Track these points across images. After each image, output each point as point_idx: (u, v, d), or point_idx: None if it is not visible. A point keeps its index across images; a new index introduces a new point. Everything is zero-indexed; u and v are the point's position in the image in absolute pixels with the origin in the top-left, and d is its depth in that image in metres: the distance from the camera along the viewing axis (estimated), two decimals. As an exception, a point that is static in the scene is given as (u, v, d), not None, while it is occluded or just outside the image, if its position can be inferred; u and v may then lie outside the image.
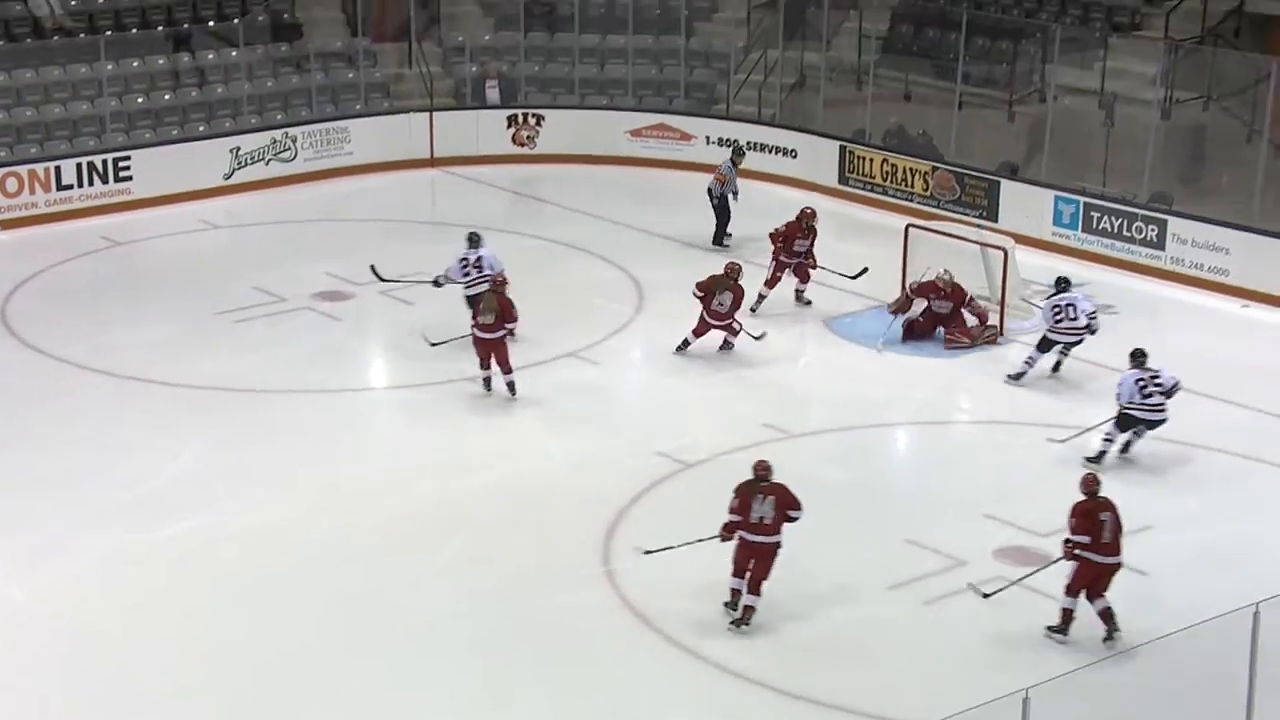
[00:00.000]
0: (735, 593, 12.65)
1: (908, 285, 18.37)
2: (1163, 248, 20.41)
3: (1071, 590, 12.18)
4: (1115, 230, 20.89)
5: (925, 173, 22.88)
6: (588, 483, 14.95)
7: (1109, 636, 12.02)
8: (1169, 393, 15.13)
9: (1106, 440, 15.29)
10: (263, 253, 21.71)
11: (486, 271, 17.60)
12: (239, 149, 23.95)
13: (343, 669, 12.03)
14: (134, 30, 24.98)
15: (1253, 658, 9.62)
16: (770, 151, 24.59)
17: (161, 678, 11.92)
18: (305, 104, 25.25)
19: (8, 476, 14.99)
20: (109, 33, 24.58)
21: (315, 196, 23.98)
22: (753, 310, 18.52)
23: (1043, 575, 12.63)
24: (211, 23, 25.51)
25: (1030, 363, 17.09)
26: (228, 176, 23.85)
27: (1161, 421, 15.13)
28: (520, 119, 25.71)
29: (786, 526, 12.54)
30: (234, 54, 24.98)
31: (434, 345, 17.40)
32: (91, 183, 22.80)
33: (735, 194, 21.64)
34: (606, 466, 15.25)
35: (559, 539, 13.95)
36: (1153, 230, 20.54)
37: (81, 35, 24.48)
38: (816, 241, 19.12)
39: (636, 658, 12.28)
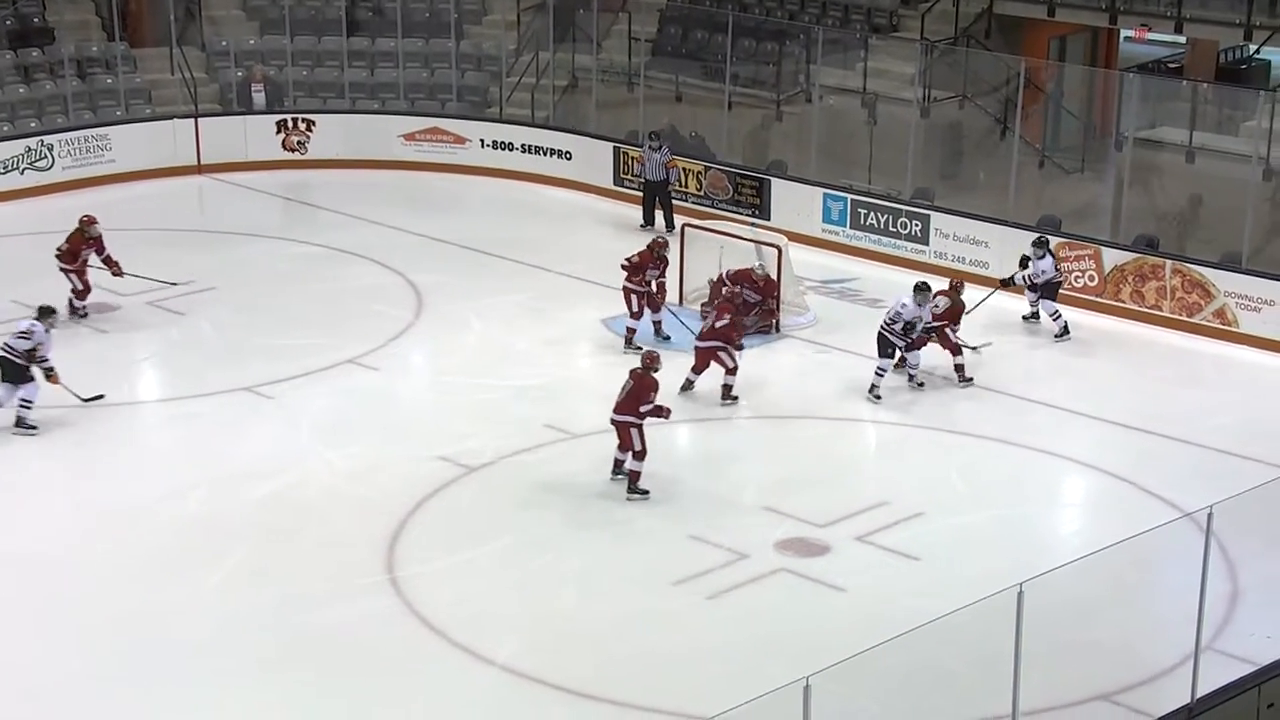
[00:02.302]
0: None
1: (723, 272, 18.54)
2: (927, 242, 21.11)
3: None
4: (882, 226, 21.53)
5: (699, 173, 23.24)
6: (369, 490, 14.81)
7: None
8: (908, 327, 16.74)
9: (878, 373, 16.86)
10: (21, 264, 20.90)
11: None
12: (-9, 157, 23.07)
13: (126, 694, 11.71)
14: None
15: (1018, 636, 10.02)
16: (545, 154, 24.70)
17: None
18: (61, 111, 24.42)
19: None
20: None
21: (77, 206, 23.06)
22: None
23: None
24: (-43, 27, 24.54)
25: (1056, 316, 18.67)
26: (-20, 186, 22.94)
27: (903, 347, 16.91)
28: (290, 124, 25.30)
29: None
30: (-18, 59, 24.05)
31: (86, 400, 16.38)
32: None
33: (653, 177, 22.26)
34: (388, 472, 15.13)
35: (342, 548, 13.78)
36: (917, 225, 21.23)
37: None
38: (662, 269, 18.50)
39: (426, 664, 12.20)
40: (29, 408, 15.81)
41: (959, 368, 17.39)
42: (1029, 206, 21.11)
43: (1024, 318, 19.16)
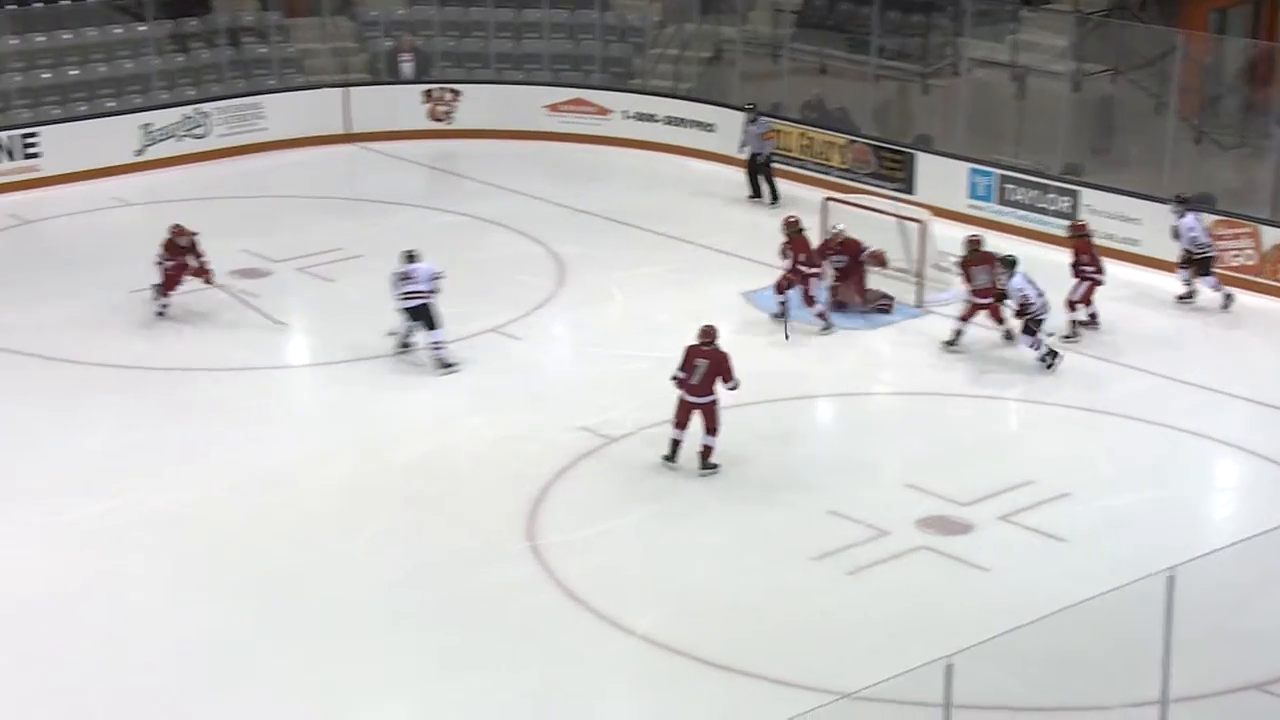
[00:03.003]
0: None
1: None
2: (1076, 218, 20.68)
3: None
4: (1029, 202, 21.16)
5: (842, 146, 23.02)
6: (512, 458, 14.95)
7: None
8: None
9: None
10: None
11: (420, 285, 16.95)
12: (150, 125, 23.63)
13: (265, 650, 11.95)
14: (39, 4, 24.53)
15: (1168, 621, 9.82)
16: (687, 125, 24.65)
17: (80, 660, 11.79)
18: (217, 79, 24.94)
19: (-82, 460, 14.75)
20: (12, 7, 24.11)
21: (230, 173, 23.72)
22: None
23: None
24: (119, -3, 25.15)
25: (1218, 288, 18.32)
26: (139, 153, 23.53)
27: None
28: (436, 94, 25.56)
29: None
30: (142, 29, 24.59)
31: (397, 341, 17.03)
32: (-2, 160, 22.43)
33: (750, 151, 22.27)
34: (530, 442, 15.25)
35: (484, 515, 13.94)
36: (1065, 201, 20.83)
37: (-16, 11, 24.05)
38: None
39: (565, 633, 12.30)
40: (441, 348, 16.62)
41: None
42: (1183, 183, 20.59)
43: (1178, 298, 18.72)
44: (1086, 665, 11.29)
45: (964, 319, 17.35)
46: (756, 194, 22.43)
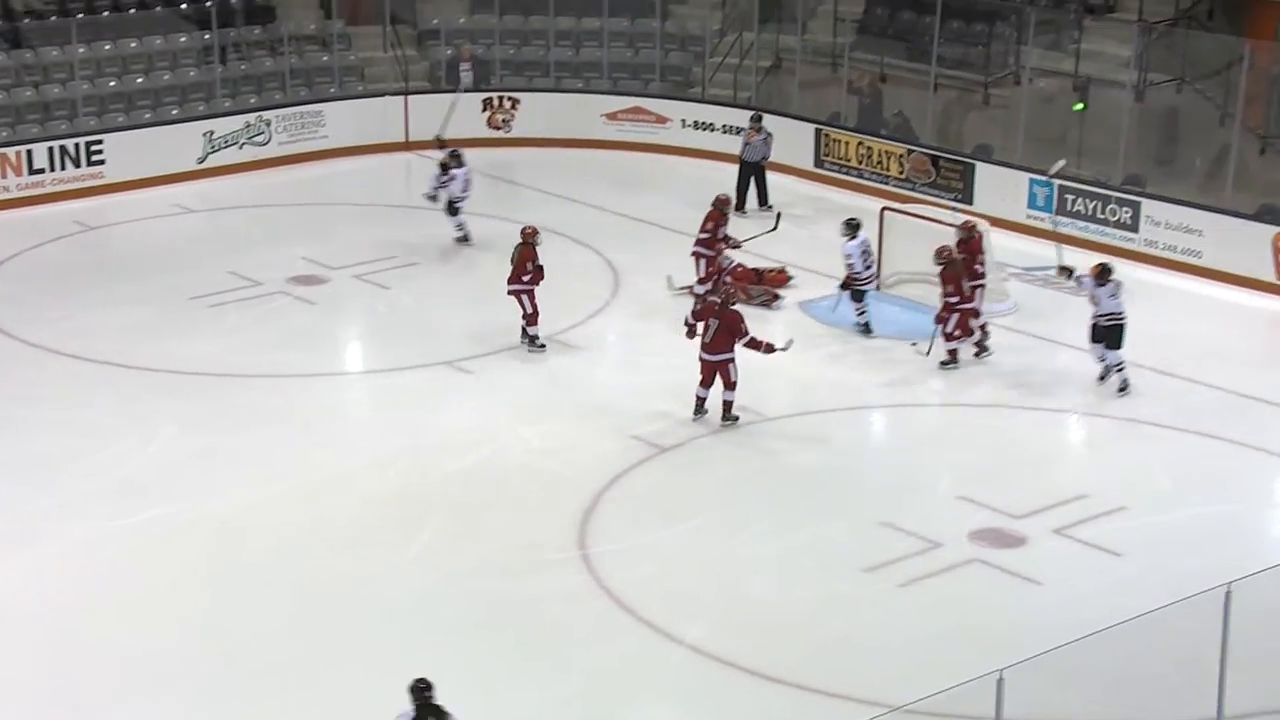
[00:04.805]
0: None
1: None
2: (1136, 230, 20.49)
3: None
4: (1089, 213, 20.96)
5: (900, 155, 22.91)
6: (563, 466, 14.96)
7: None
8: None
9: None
10: (237, 237, 21.64)
11: (456, 188, 18.84)
12: (212, 132, 23.86)
13: (319, 654, 12.02)
14: (106, 13, 24.84)
15: (1224, 638, 9.68)
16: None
17: (142, 663, 11.90)
18: (279, 87, 25.16)
19: (-18, 462, 14.95)
20: (80, 15, 24.43)
21: (289, 180, 23.90)
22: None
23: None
24: (184, 5, 25.38)
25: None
26: (201, 160, 23.75)
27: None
28: (495, 102, 25.66)
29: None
30: (207, 37, 24.85)
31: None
32: (64, 167, 22.69)
33: (750, 158, 22.47)
34: (582, 450, 15.26)
35: (535, 523, 13.95)
36: (1126, 212, 20.61)
37: (53, 18, 24.33)
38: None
39: (615, 641, 12.29)
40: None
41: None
42: (1249, 195, 20.34)
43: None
44: (1141, 682, 11.16)
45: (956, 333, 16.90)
46: (743, 203, 22.22)
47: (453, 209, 20.69)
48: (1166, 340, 17.81)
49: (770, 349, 15.69)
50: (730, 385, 15.49)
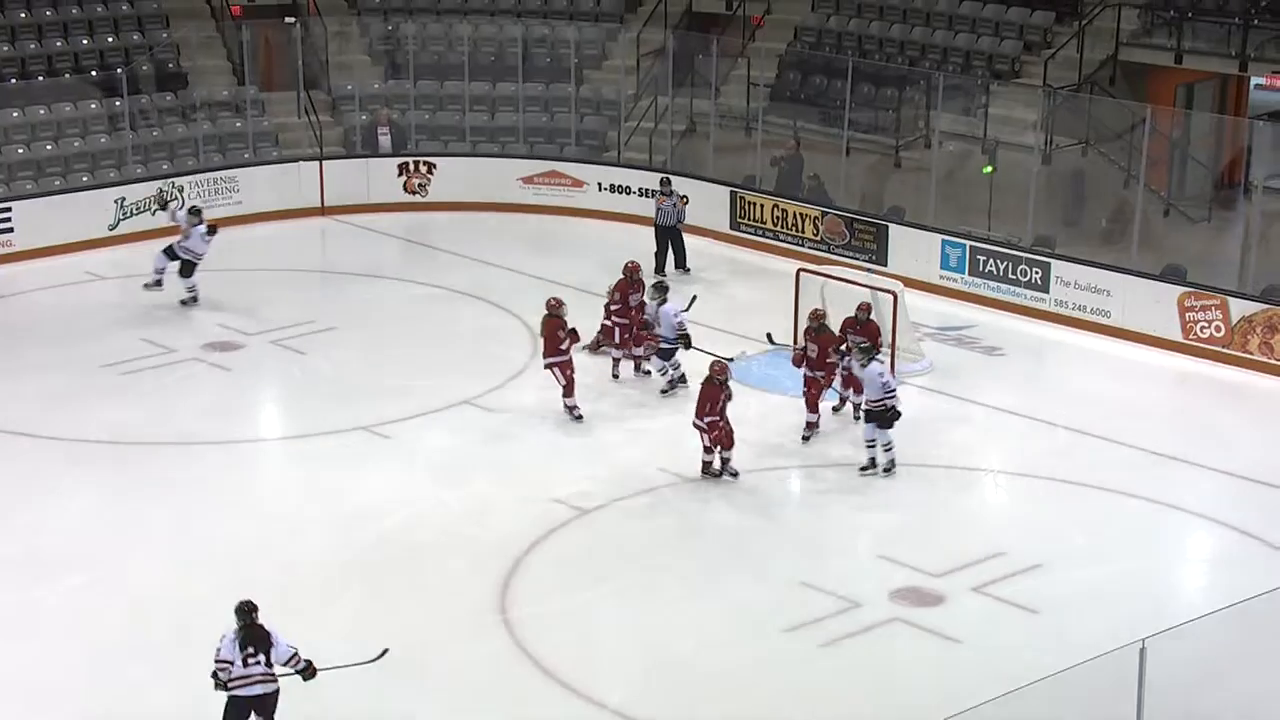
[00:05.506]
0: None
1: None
2: (1047, 290, 20.82)
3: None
4: (1001, 273, 21.29)
5: (815, 218, 23.17)
6: (483, 531, 14.89)
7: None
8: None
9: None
10: (150, 304, 21.37)
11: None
12: (124, 199, 23.64)
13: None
14: (14, 80, 24.62)
15: (1140, 694, 9.80)
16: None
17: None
18: (192, 153, 25.01)
19: (-115, 536, 14.62)
20: (-13, 83, 24.23)
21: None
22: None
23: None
24: (94, 72, 25.20)
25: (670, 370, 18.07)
26: (113, 227, 23.51)
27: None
28: (411, 166, 25.67)
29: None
30: (118, 104, 24.68)
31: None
32: (-30, 234, 22.39)
33: (663, 222, 22.64)
34: (503, 513, 15.20)
35: (456, 588, 13.86)
36: (1037, 273, 20.96)
37: (-43, 87, 24.10)
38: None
39: (537, 707, 12.22)
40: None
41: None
42: (1153, 255, 20.76)
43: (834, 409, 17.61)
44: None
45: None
46: (663, 265, 22.45)
47: (189, 268, 20.76)
48: (1079, 399, 18.12)
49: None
50: (729, 445, 15.94)
